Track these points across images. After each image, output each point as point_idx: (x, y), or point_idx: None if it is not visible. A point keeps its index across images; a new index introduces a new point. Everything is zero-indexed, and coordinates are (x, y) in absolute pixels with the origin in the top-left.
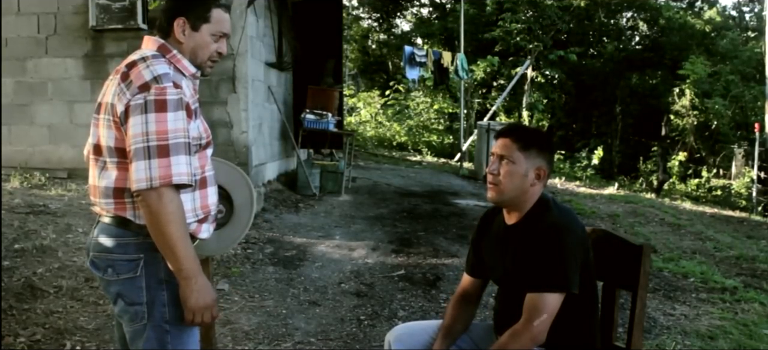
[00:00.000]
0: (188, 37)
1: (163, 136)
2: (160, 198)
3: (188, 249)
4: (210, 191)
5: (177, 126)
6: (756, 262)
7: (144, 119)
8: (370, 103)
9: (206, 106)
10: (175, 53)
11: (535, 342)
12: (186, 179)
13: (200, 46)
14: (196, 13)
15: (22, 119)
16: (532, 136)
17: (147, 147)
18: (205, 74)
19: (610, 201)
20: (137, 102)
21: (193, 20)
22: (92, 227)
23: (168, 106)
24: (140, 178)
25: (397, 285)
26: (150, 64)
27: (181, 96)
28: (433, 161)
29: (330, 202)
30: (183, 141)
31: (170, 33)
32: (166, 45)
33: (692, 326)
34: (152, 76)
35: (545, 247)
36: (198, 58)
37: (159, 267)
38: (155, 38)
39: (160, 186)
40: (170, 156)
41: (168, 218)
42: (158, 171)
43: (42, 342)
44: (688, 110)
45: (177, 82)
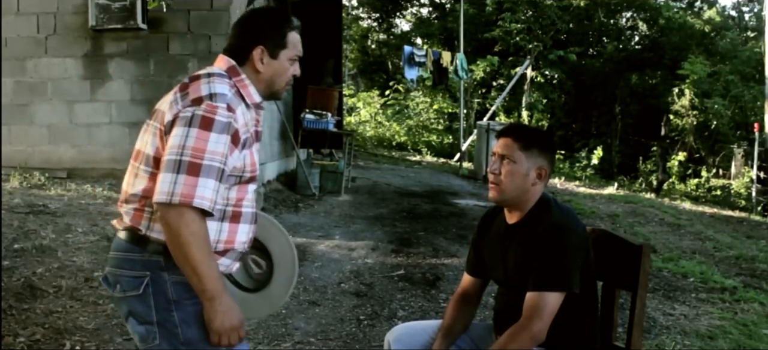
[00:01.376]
0: (267, 66)
1: (198, 154)
2: (181, 217)
3: (211, 269)
4: (242, 228)
5: (216, 148)
6: (755, 262)
7: (186, 132)
8: (370, 102)
9: None
10: (242, 78)
11: (535, 342)
12: (207, 205)
13: (278, 73)
14: (274, 40)
15: (22, 119)
16: (533, 136)
17: (179, 160)
18: (279, 98)
19: (609, 201)
20: (186, 114)
21: (271, 48)
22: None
23: (214, 126)
24: (163, 190)
25: (397, 285)
26: (211, 81)
27: (231, 120)
28: (433, 161)
29: (329, 202)
30: (218, 165)
31: (247, 61)
32: (236, 68)
33: (692, 326)
34: (208, 92)
35: (546, 247)
36: (275, 85)
37: (166, 286)
38: (227, 58)
39: (180, 204)
40: (199, 176)
41: (188, 238)
42: (182, 188)
43: (42, 342)
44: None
45: (232, 106)
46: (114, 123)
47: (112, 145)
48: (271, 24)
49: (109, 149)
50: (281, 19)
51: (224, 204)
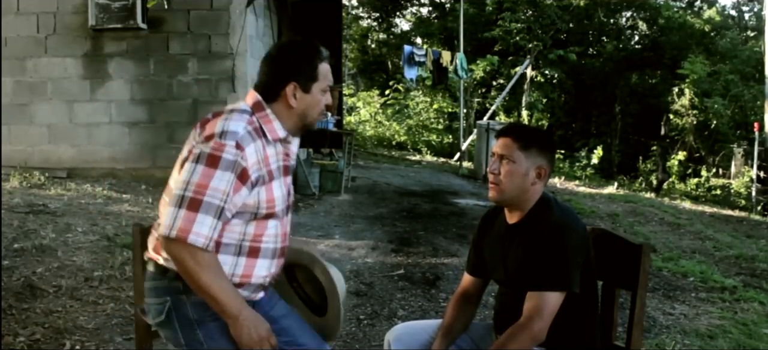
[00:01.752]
0: (300, 100)
1: (201, 190)
2: (180, 250)
3: (223, 290)
4: (261, 262)
5: (219, 186)
6: (755, 262)
7: (193, 168)
8: (370, 102)
9: (206, 106)
10: (267, 114)
11: (535, 342)
12: (201, 242)
13: (312, 106)
14: (306, 74)
15: (22, 119)
16: (532, 135)
17: (182, 195)
18: (312, 128)
19: (609, 200)
20: (196, 150)
21: (303, 83)
22: None
23: (220, 164)
24: (166, 223)
25: (397, 284)
26: (228, 118)
27: (237, 158)
28: (433, 160)
29: (329, 202)
30: (217, 203)
31: (280, 97)
32: (261, 103)
33: (692, 325)
34: (221, 130)
35: (546, 246)
36: (308, 117)
37: (187, 308)
38: (255, 94)
39: (177, 239)
40: (198, 212)
41: (194, 267)
42: (181, 222)
43: (41, 341)
44: (688, 109)
45: (241, 144)
46: (114, 122)
47: (111, 144)
48: (303, 58)
49: (109, 149)
50: (312, 53)
51: (240, 239)
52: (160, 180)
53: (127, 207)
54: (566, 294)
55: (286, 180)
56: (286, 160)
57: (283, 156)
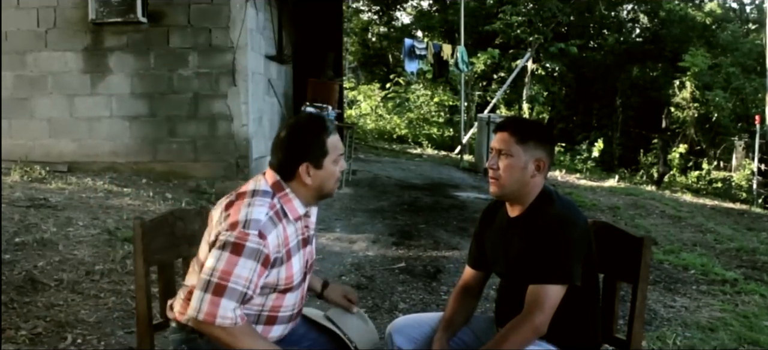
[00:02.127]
0: (314, 177)
1: (225, 277)
2: (211, 329)
3: (259, 347)
4: (276, 328)
5: (242, 273)
6: (756, 254)
7: (219, 255)
8: (371, 95)
9: (206, 100)
10: (287, 192)
11: (536, 334)
12: (228, 323)
13: (326, 179)
14: (316, 153)
15: (22, 113)
16: (529, 128)
17: (209, 280)
18: (332, 195)
19: (610, 193)
20: (222, 237)
21: (315, 161)
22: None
23: (244, 252)
24: (194, 306)
25: (398, 277)
26: (251, 204)
27: (260, 247)
28: (434, 154)
29: None
30: (241, 289)
31: (295, 177)
32: (281, 183)
33: (693, 318)
34: (245, 218)
35: (548, 239)
36: (325, 189)
37: (200, 347)
38: (274, 173)
39: (202, 321)
40: (223, 297)
41: (229, 339)
42: (207, 306)
43: (43, 335)
44: (689, 102)
45: (264, 232)
46: (114, 116)
47: (112, 138)
48: (310, 138)
49: (110, 143)
50: (318, 130)
51: (259, 311)
52: (160, 173)
53: (128, 201)
54: (568, 288)
55: (305, 251)
56: (304, 232)
57: (302, 230)
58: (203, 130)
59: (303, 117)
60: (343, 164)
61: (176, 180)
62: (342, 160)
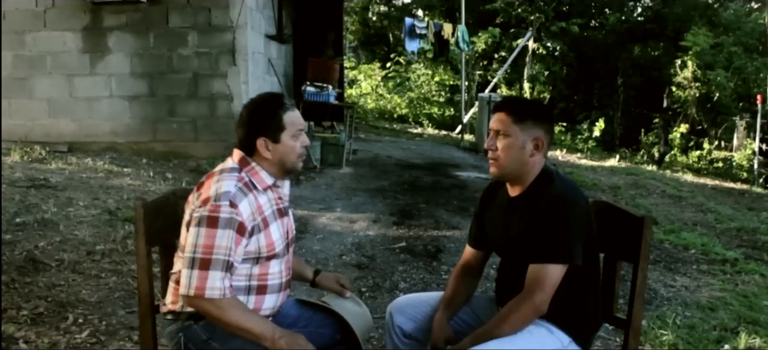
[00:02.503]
0: (273, 151)
1: (208, 250)
2: (201, 304)
3: (251, 320)
4: (269, 297)
5: (222, 243)
6: (757, 234)
7: (197, 232)
8: (371, 75)
9: (206, 79)
10: (253, 166)
11: (536, 314)
12: (217, 294)
13: (286, 153)
14: (272, 127)
15: (22, 93)
16: (526, 108)
17: (193, 258)
18: (298, 170)
19: (611, 173)
20: (197, 215)
21: (272, 135)
22: None
23: (218, 224)
24: (183, 284)
25: (399, 257)
26: (219, 180)
27: (232, 215)
28: (434, 133)
29: (331, 175)
30: (223, 258)
31: (255, 151)
32: (246, 158)
33: (693, 297)
34: (215, 192)
35: (548, 219)
36: (287, 163)
37: (197, 331)
38: (238, 151)
39: (194, 295)
40: (209, 270)
41: (216, 313)
42: (196, 281)
43: (44, 315)
44: (690, 82)
45: (234, 201)
46: (114, 96)
47: (112, 118)
48: (266, 114)
49: (110, 122)
50: (274, 106)
51: (247, 281)
52: (161, 153)
53: (129, 181)
54: (568, 267)
55: (283, 221)
56: (279, 203)
57: (275, 201)
58: (203, 109)
59: (260, 95)
60: (304, 139)
61: (176, 160)
62: (303, 136)
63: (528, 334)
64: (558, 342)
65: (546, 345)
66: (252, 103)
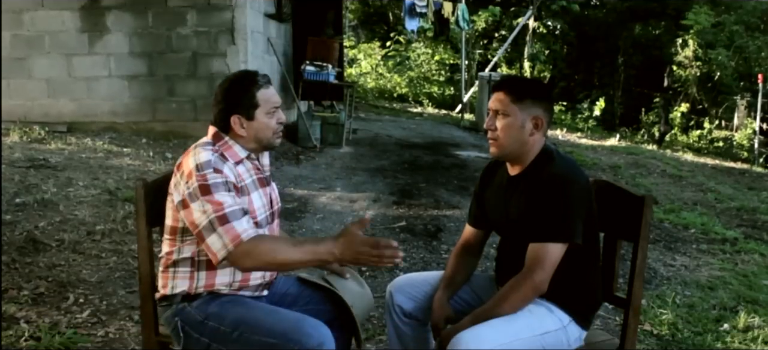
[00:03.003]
0: (247, 128)
1: (218, 208)
2: (247, 255)
3: (303, 253)
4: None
5: (226, 199)
6: (757, 213)
7: (198, 203)
8: (371, 54)
9: (205, 58)
10: (226, 140)
11: (536, 292)
12: (253, 233)
13: (261, 130)
14: (245, 105)
15: (20, 73)
16: (525, 87)
17: (210, 220)
18: (275, 146)
19: (611, 152)
20: (189, 191)
21: (245, 113)
22: None
23: (212, 188)
24: (218, 249)
25: (399, 236)
26: (196, 154)
27: (221, 179)
28: (434, 112)
29: (331, 154)
30: (237, 208)
31: (230, 128)
32: (219, 134)
33: (692, 276)
34: (195, 163)
35: (548, 198)
36: (263, 140)
37: (192, 314)
38: (213, 128)
39: (236, 249)
40: (231, 222)
41: (268, 258)
42: (227, 237)
43: (45, 295)
44: (691, 61)
45: (217, 167)
46: (113, 76)
47: (111, 98)
48: (240, 92)
49: (109, 102)
50: (247, 84)
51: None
52: (160, 133)
53: (128, 161)
54: (568, 246)
55: (265, 191)
56: (258, 173)
57: (254, 170)
58: (202, 89)
59: (234, 73)
60: (280, 116)
61: (176, 140)
62: (279, 113)
63: (528, 313)
64: (558, 321)
65: (546, 324)
66: (226, 81)
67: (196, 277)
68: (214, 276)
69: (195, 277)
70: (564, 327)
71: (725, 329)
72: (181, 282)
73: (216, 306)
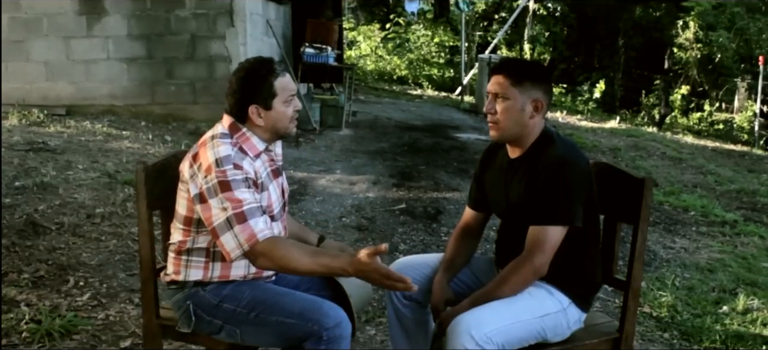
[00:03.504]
0: (265, 118)
1: (237, 205)
2: (263, 256)
3: (318, 262)
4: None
5: (245, 196)
6: (757, 196)
7: (217, 199)
8: (370, 36)
9: (204, 41)
10: (244, 132)
11: (536, 275)
12: (269, 234)
13: (278, 119)
14: (263, 94)
15: (18, 56)
16: (524, 69)
17: (227, 217)
18: (291, 134)
19: (611, 134)
20: (207, 186)
21: (263, 102)
22: None
23: (232, 185)
24: (232, 248)
25: (398, 218)
26: (214, 146)
27: (242, 175)
28: (434, 95)
29: (330, 137)
30: (255, 205)
31: (247, 119)
32: (236, 124)
33: (692, 259)
34: (214, 158)
35: (549, 181)
36: (280, 129)
37: (205, 298)
38: (229, 117)
39: (251, 249)
40: (248, 220)
41: (283, 262)
42: (243, 235)
43: (45, 278)
44: (692, 43)
45: (237, 163)
46: (111, 59)
47: (110, 81)
48: (257, 81)
49: (108, 85)
50: (265, 72)
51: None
52: (159, 116)
53: (127, 144)
54: (568, 229)
55: (277, 181)
56: (272, 164)
57: (269, 162)
58: (201, 71)
59: (251, 61)
60: (296, 104)
61: (175, 123)
62: (295, 100)
63: (528, 296)
64: (558, 303)
65: (546, 306)
66: (242, 70)
67: (211, 268)
68: (229, 267)
69: (210, 268)
70: (564, 310)
71: (724, 311)
72: (195, 271)
73: (231, 289)
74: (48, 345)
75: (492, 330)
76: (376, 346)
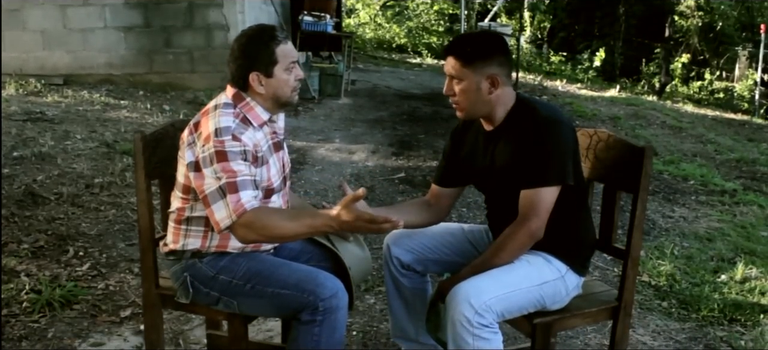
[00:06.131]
0: (266, 86)
1: (231, 175)
2: (249, 228)
3: (301, 226)
4: None
5: (240, 168)
6: (756, 165)
7: (212, 168)
8: (369, 4)
9: (202, 9)
10: (247, 101)
11: (533, 239)
12: (257, 204)
13: (279, 87)
14: (264, 61)
15: (15, 24)
16: (471, 48)
17: (220, 187)
18: (293, 104)
19: (611, 103)
20: (204, 154)
21: (264, 69)
22: None
23: (228, 156)
24: (222, 218)
25: (398, 187)
26: (216, 116)
27: (240, 147)
28: (433, 63)
29: (329, 105)
30: (249, 178)
31: (248, 86)
32: (240, 94)
33: (691, 228)
34: (215, 128)
35: (537, 143)
36: (281, 97)
37: (202, 269)
38: (231, 87)
39: (239, 219)
40: (239, 191)
41: (270, 232)
42: (233, 205)
43: (45, 248)
44: (693, 11)
45: (236, 135)
46: (109, 27)
47: (107, 50)
48: (258, 47)
49: (105, 54)
50: (266, 39)
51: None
52: (157, 85)
53: (126, 114)
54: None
55: (278, 155)
56: (274, 137)
57: (271, 135)
58: (199, 40)
59: (253, 27)
60: (298, 72)
61: (173, 92)
62: (297, 68)
63: (526, 264)
64: (556, 271)
65: (544, 274)
66: (243, 36)
67: (210, 237)
68: (227, 237)
69: (208, 237)
70: (562, 277)
71: (723, 280)
72: (193, 240)
73: (227, 261)
74: (48, 314)
75: (491, 299)
76: (375, 315)
